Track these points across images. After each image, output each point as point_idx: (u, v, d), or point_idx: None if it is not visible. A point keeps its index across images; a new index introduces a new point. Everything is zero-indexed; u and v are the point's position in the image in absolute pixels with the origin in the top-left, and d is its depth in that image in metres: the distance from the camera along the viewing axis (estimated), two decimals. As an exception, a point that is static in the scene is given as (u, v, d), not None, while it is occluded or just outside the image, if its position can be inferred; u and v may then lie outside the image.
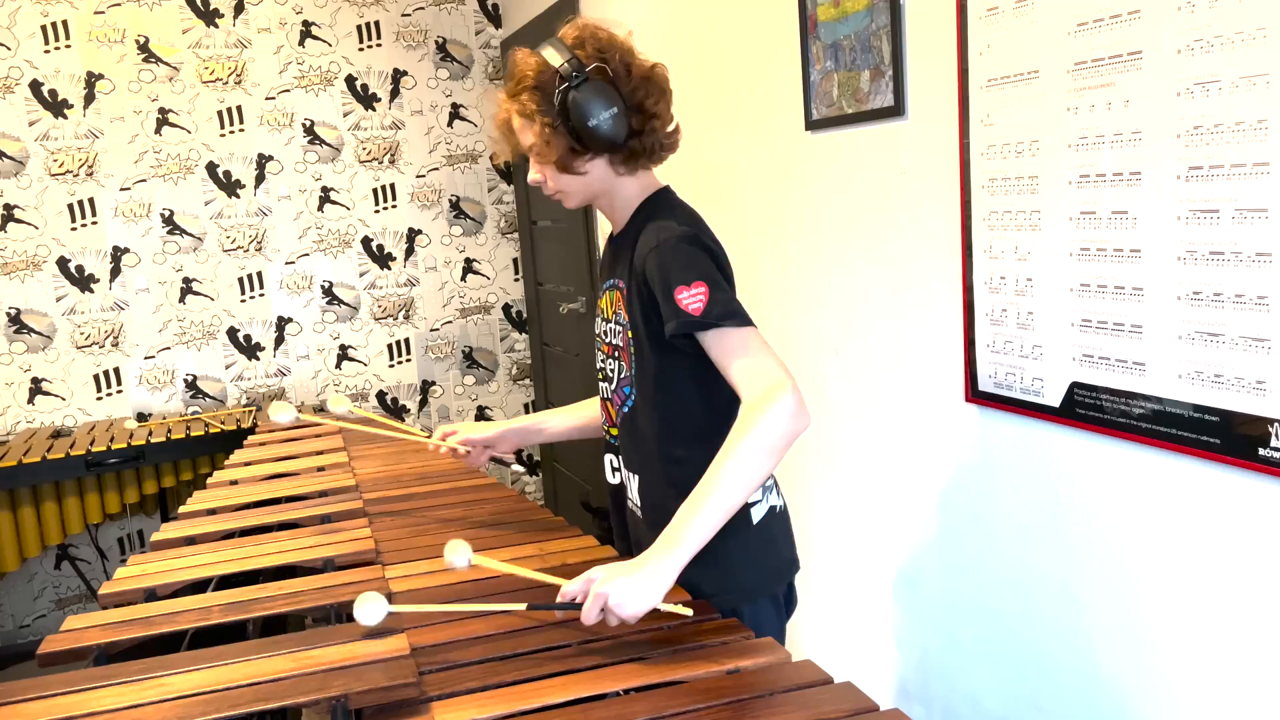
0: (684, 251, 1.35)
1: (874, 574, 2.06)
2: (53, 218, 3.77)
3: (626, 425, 1.50)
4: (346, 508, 1.97)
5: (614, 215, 1.51)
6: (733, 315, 1.32)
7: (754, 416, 1.26)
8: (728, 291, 1.35)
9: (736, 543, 1.44)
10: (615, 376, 1.51)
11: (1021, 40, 1.48)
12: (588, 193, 1.48)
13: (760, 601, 1.48)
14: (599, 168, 1.43)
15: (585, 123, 1.35)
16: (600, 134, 1.36)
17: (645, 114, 1.40)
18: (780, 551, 1.52)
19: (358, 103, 4.10)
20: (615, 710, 1.11)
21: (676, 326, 1.33)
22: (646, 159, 1.44)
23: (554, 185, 1.46)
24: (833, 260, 2.07)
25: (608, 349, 1.53)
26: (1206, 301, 1.24)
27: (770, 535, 1.49)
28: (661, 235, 1.38)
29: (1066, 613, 1.55)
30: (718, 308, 1.31)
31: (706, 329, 1.32)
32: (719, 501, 1.25)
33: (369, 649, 1.25)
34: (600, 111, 1.35)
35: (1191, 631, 1.34)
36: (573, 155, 1.40)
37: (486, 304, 4.38)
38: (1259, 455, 1.20)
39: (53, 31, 3.72)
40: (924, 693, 1.94)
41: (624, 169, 1.44)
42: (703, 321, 1.31)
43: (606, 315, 1.52)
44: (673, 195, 1.50)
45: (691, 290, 1.32)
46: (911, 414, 1.87)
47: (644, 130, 1.41)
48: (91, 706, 1.15)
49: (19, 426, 3.81)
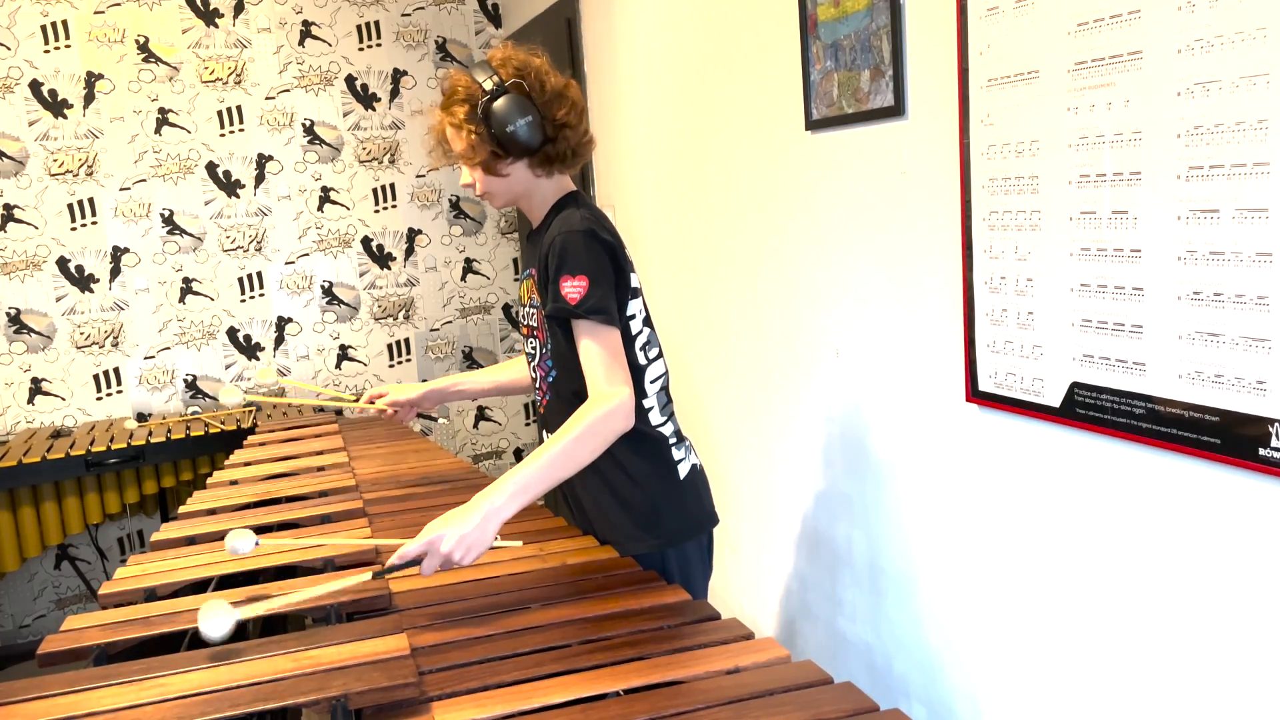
0: (580, 244, 1.56)
1: (874, 573, 2.06)
2: (53, 218, 3.77)
3: (553, 394, 1.72)
4: (346, 508, 1.97)
5: (533, 213, 1.73)
6: (601, 312, 1.55)
7: (599, 409, 1.51)
8: (605, 289, 1.56)
9: (666, 494, 1.70)
10: (538, 353, 1.73)
11: (1021, 40, 1.48)
12: (511, 193, 1.69)
13: (685, 548, 1.71)
14: (519, 170, 1.64)
15: (504, 129, 1.57)
16: (517, 139, 1.58)
17: (557, 123, 1.61)
18: (702, 503, 1.76)
19: (358, 103, 4.11)
20: (615, 710, 1.11)
21: (552, 310, 1.58)
22: (561, 163, 1.65)
23: (482, 187, 1.67)
24: (833, 260, 2.07)
25: (526, 330, 1.77)
26: (1206, 301, 1.24)
27: (694, 489, 1.74)
28: (564, 228, 1.59)
29: (1067, 613, 1.55)
30: (590, 301, 1.54)
31: (576, 317, 1.56)
32: (549, 475, 1.48)
33: (369, 649, 1.26)
34: (516, 119, 1.57)
35: (1192, 631, 1.34)
36: (495, 159, 1.61)
37: (486, 304, 4.38)
38: (1259, 455, 1.20)
39: (53, 31, 3.72)
40: (924, 693, 1.94)
41: (541, 171, 1.65)
42: (573, 310, 1.55)
43: (524, 300, 1.75)
44: (582, 196, 1.71)
45: (575, 280, 1.55)
46: (911, 414, 1.87)
47: (557, 137, 1.62)
48: (91, 706, 1.15)
49: (19, 426, 3.81)
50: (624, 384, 1.54)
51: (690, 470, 1.74)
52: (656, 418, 1.70)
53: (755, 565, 2.56)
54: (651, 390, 1.70)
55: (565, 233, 1.58)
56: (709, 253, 2.63)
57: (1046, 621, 1.60)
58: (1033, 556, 1.61)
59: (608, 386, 1.53)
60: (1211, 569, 1.30)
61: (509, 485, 1.45)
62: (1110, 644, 1.48)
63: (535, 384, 1.78)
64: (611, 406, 1.51)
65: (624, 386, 1.54)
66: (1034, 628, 1.63)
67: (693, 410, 2.76)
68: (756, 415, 2.48)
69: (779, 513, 2.43)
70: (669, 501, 1.70)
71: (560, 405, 1.68)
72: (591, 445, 1.51)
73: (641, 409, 1.66)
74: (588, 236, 1.57)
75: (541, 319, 1.68)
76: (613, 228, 1.65)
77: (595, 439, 1.51)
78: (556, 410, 1.69)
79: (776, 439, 2.39)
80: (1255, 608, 1.25)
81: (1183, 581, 1.34)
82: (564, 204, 1.68)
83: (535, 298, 1.68)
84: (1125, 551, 1.43)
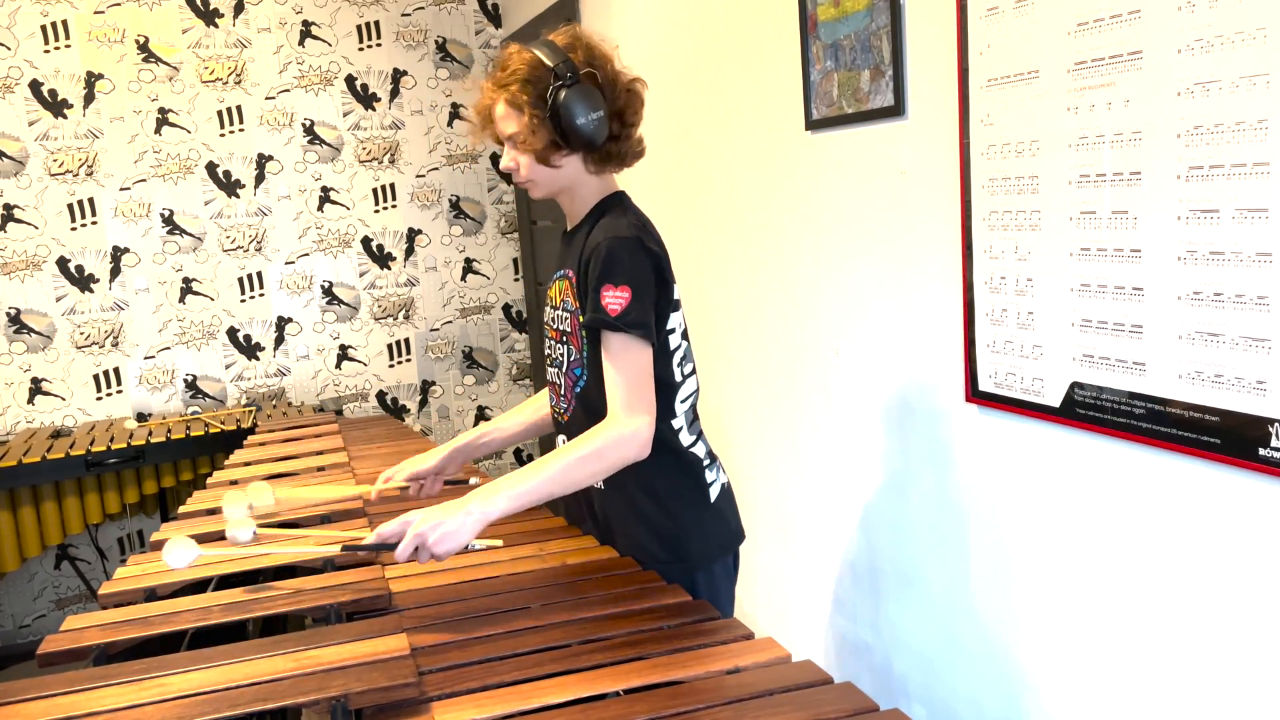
0: (627, 253, 1.47)
1: (874, 574, 2.06)
2: (52, 218, 3.77)
3: (581, 403, 1.61)
4: (347, 508, 1.97)
5: (572, 210, 1.63)
6: (640, 326, 1.46)
7: (612, 434, 1.43)
8: (646, 303, 1.47)
9: (695, 519, 1.62)
10: (565, 359, 1.63)
11: (1021, 40, 1.48)
12: (555, 186, 1.58)
13: (712, 569, 1.63)
14: (573, 164, 1.55)
15: (573, 121, 1.46)
16: (584, 133, 1.47)
17: (624, 122, 1.53)
18: (729, 524, 1.68)
19: (357, 102, 4.11)
20: (615, 710, 1.11)
21: (590, 319, 1.49)
22: (616, 162, 1.56)
23: (526, 174, 1.56)
24: (833, 260, 2.07)
25: (556, 334, 1.65)
26: (1206, 301, 1.24)
27: (721, 510, 1.65)
28: (610, 233, 1.49)
29: (1067, 612, 1.55)
30: (631, 315, 1.45)
31: (613, 330, 1.46)
32: (545, 488, 1.42)
33: (369, 649, 1.26)
34: (588, 112, 1.47)
35: (1192, 631, 1.34)
36: (553, 149, 1.51)
37: (486, 304, 4.38)
38: (1259, 455, 1.20)
39: (52, 31, 3.72)
40: (924, 693, 1.94)
41: (594, 168, 1.56)
42: (612, 322, 1.45)
43: (554, 303, 1.64)
44: (627, 199, 1.61)
45: (618, 291, 1.45)
46: (911, 414, 1.87)
47: (620, 136, 1.53)
48: (91, 706, 1.15)
49: (19, 426, 3.81)
50: (645, 412, 1.45)
51: (720, 491, 1.66)
52: (686, 437, 1.61)
53: (754, 565, 2.56)
54: (681, 409, 1.61)
55: (612, 239, 1.48)
56: (708, 252, 2.63)
57: (1047, 621, 1.60)
58: (1033, 556, 1.61)
59: (627, 413, 1.44)
60: (1212, 569, 1.30)
61: (501, 490, 1.40)
62: (1111, 644, 1.48)
63: (559, 391, 1.67)
64: (625, 434, 1.43)
65: (644, 415, 1.45)
66: (1034, 628, 1.63)
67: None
68: (756, 415, 2.48)
69: (778, 512, 2.43)
70: (697, 525, 1.62)
71: (587, 416, 1.59)
72: (594, 469, 1.44)
73: (670, 428, 1.59)
74: (635, 245, 1.48)
75: (577, 324, 1.58)
76: (659, 236, 1.56)
77: (600, 463, 1.44)
78: (581, 421, 1.59)
79: (776, 438, 2.39)
80: (1255, 607, 1.25)
81: (1183, 581, 1.34)
82: (608, 205, 1.58)
83: (570, 301, 1.58)
84: (1126, 551, 1.43)
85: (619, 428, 1.44)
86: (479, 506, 1.39)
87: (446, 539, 1.37)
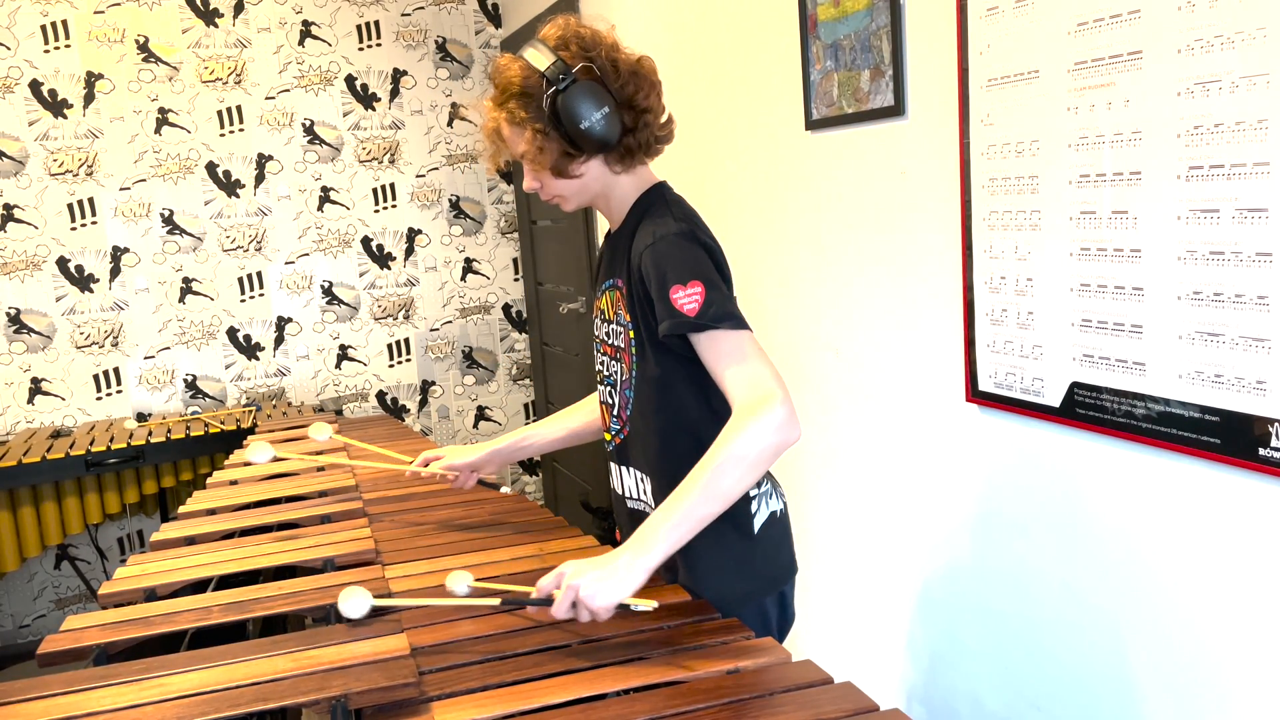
0: (681, 249, 1.33)
1: (874, 574, 2.06)
2: (52, 218, 3.77)
3: (633, 427, 1.48)
4: (346, 508, 1.97)
5: (611, 213, 1.49)
6: (729, 317, 1.29)
7: (741, 428, 1.23)
8: (724, 291, 1.32)
9: (735, 552, 1.44)
10: (617, 379, 1.48)
11: (1021, 40, 1.48)
12: (585, 194, 1.46)
13: (752, 607, 1.45)
14: (595, 168, 1.41)
15: (578, 125, 1.33)
16: (594, 135, 1.34)
17: (637, 110, 1.38)
18: (777, 558, 1.50)
19: (357, 102, 4.10)
20: (615, 710, 1.11)
21: (670, 327, 1.31)
22: (642, 155, 1.42)
23: (550, 190, 1.44)
24: (833, 260, 2.07)
25: (610, 350, 1.50)
26: (1206, 301, 1.24)
27: (769, 543, 1.48)
28: (658, 232, 1.35)
29: (1067, 612, 1.55)
30: (713, 308, 1.29)
31: (701, 330, 1.29)
32: (696, 509, 1.23)
33: (369, 649, 1.25)
34: (592, 112, 1.33)
35: (1192, 631, 1.34)
36: (567, 159, 1.38)
37: (486, 304, 4.38)
38: (1259, 455, 1.20)
39: (52, 31, 3.72)
40: (924, 693, 1.94)
41: (619, 167, 1.42)
42: (697, 322, 1.29)
43: (607, 315, 1.50)
44: (669, 190, 1.48)
45: (688, 290, 1.29)
46: (912, 414, 1.87)
47: (637, 126, 1.39)
48: (91, 706, 1.15)
49: (19, 426, 3.81)
50: (775, 387, 1.25)
51: (766, 520, 1.47)
52: None
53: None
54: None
55: (660, 240, 1.34)
56: (709, 253, 2.62)
57: (1047, 621, 1.60)
58: (1033, 556, 1.61)
59: (752, 396, 1.24)
60: (1211, 569, 1.30)
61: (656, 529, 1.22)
62: (1111, 643, 1.48)
63: (611, 412, 1.52)
64: (759, 419, 1.22)
65: (775, 390, 1.24)
66: (1035, 627, 1.63)
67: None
68: (756, 415, 2.48)
69: (779, 513, 2.42)
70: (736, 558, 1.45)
71: (642, 440, 1.46)
72: (740, 471, 1.23)
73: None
74: (687, 238, 1.34)
75: (630, 339, 1.43)
76: (708, 228, 1.42)
77: (743, 462, 1.22)
78: (639, 451, 1.47)
79: (776, 439, 2.39)
80: (1256, 607, 1.25)
81: (1183, 581, 1.34)
82: (650, 202, 1.44)
83: (624, 314, 1.43)
84: (1126, 551, 1.43)
85: (749, 416, 1.23)
86: (633, 556, 1.21)
87: (601, 594, 1.19)
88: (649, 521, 1.24)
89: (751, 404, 1.24)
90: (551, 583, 1.25)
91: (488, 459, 1.76)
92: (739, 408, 1.26)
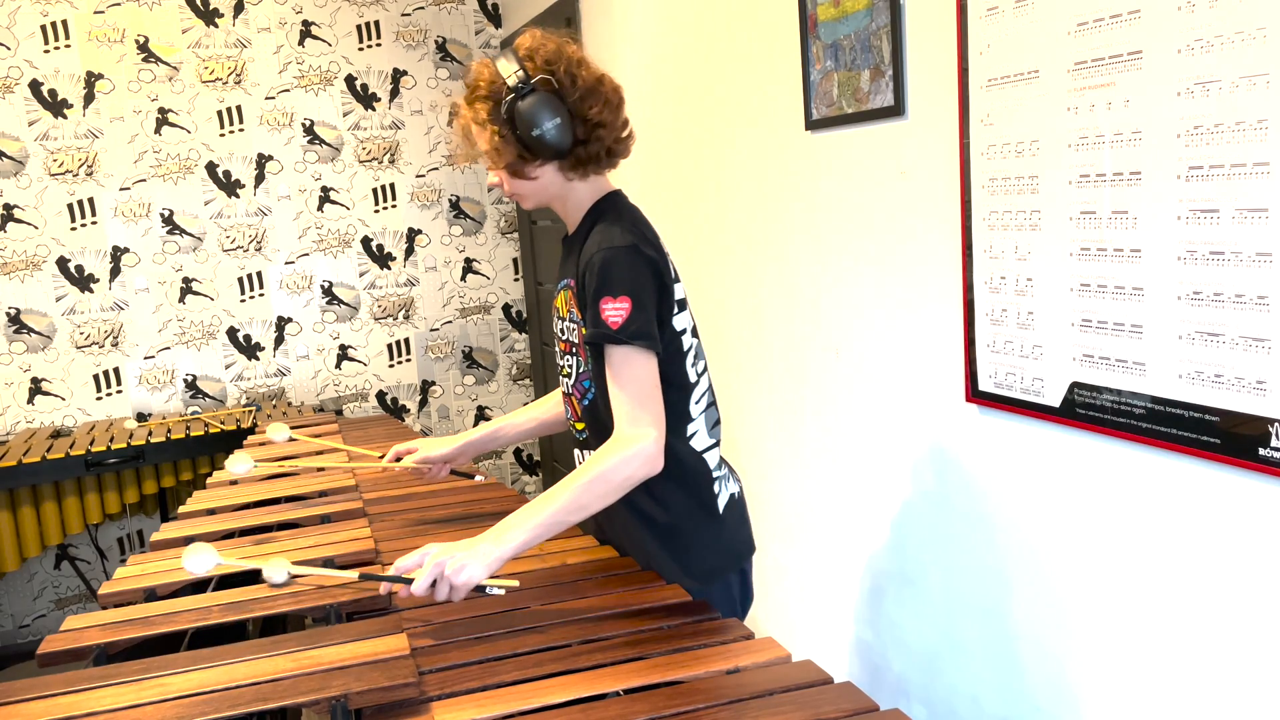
0: (622, 262, 1.43)
1: (874, 573, 2.06)
2: (52, 218, 3.77)
3: (590, 417, 1.58)
4: (346, 508, 1.97)
5: (567, 217, 1.59)
6: (645, 337, 1.41)
7: (617, 454, 1.39)
8: (648, 312, 1.43)
9: (701, 533, 1.57)
10: (575, 372, 1.59)
11: (1021, 40, 1.48)
12: (542, 196, 1.55)
13: (720, 584, 1.58)
14: (549, 173, 1.51)
15: (530, 131, 1.43)
16: (545, 142, 1.44)
17: (589, 123, 1.47)
18: (740, 536, 1.63)
19: (357, 102, 4.11)
20: (615, 710, 1.11)
21: (592, 335, 1.44)
22: (595, 165, 1.51)
23: (509, 188, 1.55)
24: (833, 260, 2.07)
25: (564, 346, 1.60)
26: (1206, 301, 1.24)
27: (732, 522, 1.61)
28: (604, 241, 1.45)
29: (1067, 612, 1.55)
30: (634, 325, 1.41)
31: (618, 344, 1.41)
32: (558, 517, 1.38)
33: (369, 649, 1.26)
34: (544, 121, 1.43)
35: (1192, 631, 1.34)
36: (522, 162, 1.48)
37: (486, 304, 4.38)
38: (1259, 455, 1.20)
39: (52, 31, 3.72)
40: (924, 692, 1.94)
41: (574, 174, 1.52)
42: (615, 336, 1.41)
43: (562, 314, 1.59)
44: (622, 199, 1.57)
45: (617, 303, 1.41)
46: (911, 414, 1.87)
47: (589, 138, 1.48)
48: (91, 706, 1.15)
49: (19, 426, 3.81)
50: (652, 425, 1.40)
51: (729, 502, 1.60)
52: (703, 441, 1.57)
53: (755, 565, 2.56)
54: (697, 410, 1.56)
55: (606, 249, 1.43)
56: (708, 253, 2.63)
57: (1047, 621, 1.60)
58: (1033, 556, 1.61)
59: (632, 427, 1.40)
60: (1212, 569, 1.30)
61: (516, 526, 1.37)
62: (1111, 643, 1.48)
63: (571, 405, 1.63)
64: (631, 453, 1.38)
65: (651, 429, 1.40)
66: (1034, 627, 1.63)
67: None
68: (756, 415, 2.48)
69: (778, 513, 2.43)
70: (703, 539, 1.57)
71: (597, 431, 1.57)
72: (603, 491, 1.39)
73: (685, 435, 1.54)
74: (630, 253, 1.43)
75: (583, 335, 1.53)
76: (656, 238, 1.52)
77: (608, 485, 1.39)
78: (596, 435, 1.58)
79: (776, 439, 2.39)
80: (1255, 607, 1.25)
81: (1183, 581, 1.34)
82: (602, 209, 1.54)
83: (575, 312, 1.54)
84: (1125, 551, 1.43)
85: (624, 446, 1.39)
86: (493, 544, 1.35)
87: (464, 570, 1.32)
88: (514, 517, 1.38)
89: (631, 436, 1.40)
90: (413, 561, 1.36)
91: (460, 451, 1.84)
92: (619, 434, 1.41)
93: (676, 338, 1.52)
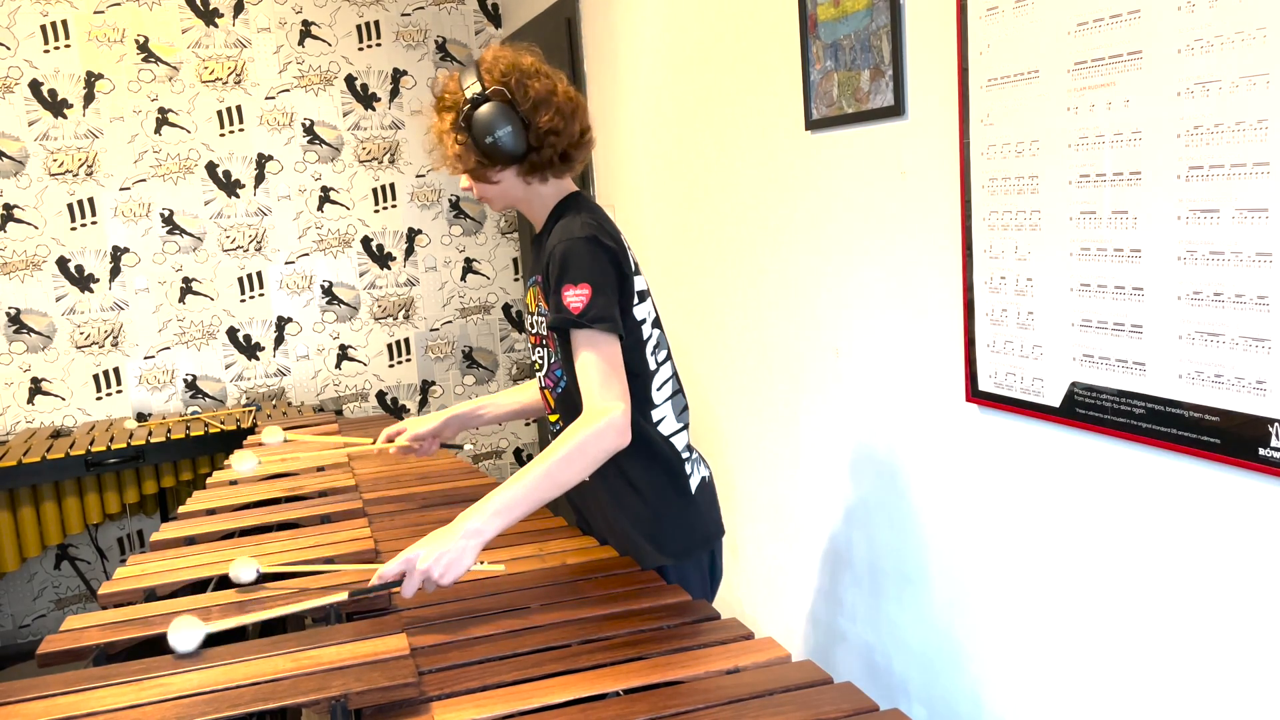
0: (580, 252, 1.52)
1: (874, 573, 2.06)
2: (52, 218, 3.77)
3: (564, 406, 1.66)
4: (346, 508, 1.97)
5: (534, 217, 1.69)
6: (605, 320, 1.49)
7: (589, 428, 1.45)
8: (610, 296, 1.51)
9: (675, 513, 1.65)
10: (546, 363, 1.68)
11: (1021, 40, 1.48)
12: (507, 198, 1.66)
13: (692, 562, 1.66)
14: (509, 177, 1.62)
15: (484, 139, 1.54)
16: (499, 148, 1.55)
17: (541, 131, 1.57)
18: (710, 517, 1.70)
19: (357, 102, 4.11)
20: (615, 710, 1.11)
21: (555, 320, 1.53)
22: (549, 169, 1.61)
23: (478, 192, 1.65)
24: (833, 260, 2.07)
25: (535, 339, 1.70)
26: (1206, 301, 1.24)
27: (703, 503, 1.69)
28: (564, 235, 1.54)
29: (1067, 612, 1.55)
30: (594, 310, 1.49)
31: (580, 328, 1.50)
32: (535, 493, 1.44)
33: (369, 649, 1.26)
34: (497, 129, 1.54)
35: (1192, 631, 1.34)
36: (481, 167, 1.59)
37: (486, 304, 4.38)
38: (1259, 455, 1.20)
39: (52, 31, 3.72)
40: (924, 693, 1.94)
41: (533, 178, 1.62)
42: (577, 320, 1.49)
43: (531, 309, 1.68)
44: (583, 198, 1.66)
45: (577, 289, 1.50)
46: (911, 414, 1.87)
47: (541, 145, 1.57)
48: (91, 706, 1.15)
49: (19, 426, 3.81)
50: (619, 399, 1.48)
51: (699, 485, 1.68)
52: (670, 426, 1.65)
53: (755, 565, 2.56)
54: (660, 397, 1.64)
55: (566, 240, 1.53)
56: (709, 253, 2.63)
57: (1047, 621, 1.60)
58: (1033, 556, 1.61)
59: (601, 402, 1.47)
60: (1212, 569, 1.30)
61: (490, 506, 1.41)
62: (1110, 643, 1.48)
63: (546, 395, 1.72)
64: (601, 425, 1.45)
65: (618, 402, 1.47)
66: (1034, 627, 1.63)
67: (692, 410, 2.76)
68: (756, 415, 2.48)
69: (778, 512, 2.43)
70: (677, 518, 1.66)
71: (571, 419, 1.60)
72: (579, 465, 1.46)
73: (651, 419, 1.63)
74: (589, 243, 1.52)
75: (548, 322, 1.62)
76: (616, 231, 1.61)
77: (583, 459, 1.45)
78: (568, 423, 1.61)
79: (776, 439, 2.39)
80: (1255, 607, 1.25)
81: (1183, 581, 1.34)
82: (564, 208, 1.63)
83: (544, 305, 1.62)
84: (1125, 551, 1.43)
85: (594, 420, 1.45)
86: (469, 526, 1.40)
87: (450, 567, 1.37)
88: (490, 498, 1.42)
89: (600, 409, 1.46)
90: (397, 568, 1.38)
91: (445, 424, 1.95)
92: (589, 409, 1.47)
93: (637, 327, 1.60)
